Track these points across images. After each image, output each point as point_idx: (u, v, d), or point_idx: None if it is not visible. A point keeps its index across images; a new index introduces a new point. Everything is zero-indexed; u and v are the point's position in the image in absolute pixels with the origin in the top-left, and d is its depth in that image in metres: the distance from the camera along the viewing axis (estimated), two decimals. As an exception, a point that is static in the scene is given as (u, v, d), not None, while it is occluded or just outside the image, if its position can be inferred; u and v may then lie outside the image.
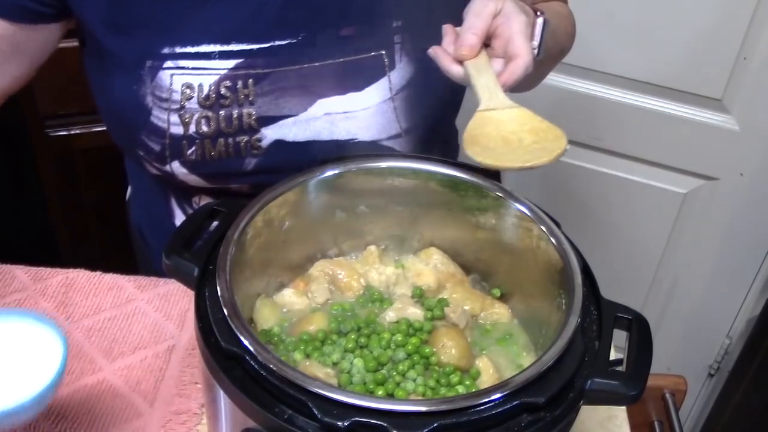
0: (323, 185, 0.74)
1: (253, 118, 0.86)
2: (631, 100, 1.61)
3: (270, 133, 0.87)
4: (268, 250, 0.72)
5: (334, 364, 0.67)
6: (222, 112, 0.85)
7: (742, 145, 1.56)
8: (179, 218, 1.00)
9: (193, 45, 0.83)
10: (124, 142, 0.92)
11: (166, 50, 0.84)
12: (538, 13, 0.83)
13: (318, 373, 0.64)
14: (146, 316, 0.91)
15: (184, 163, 0.88)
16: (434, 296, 0.77)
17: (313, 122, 0.87)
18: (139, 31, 0.84)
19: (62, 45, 1.37)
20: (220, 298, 0.60)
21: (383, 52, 0.86)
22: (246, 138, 0.87)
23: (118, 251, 1.70)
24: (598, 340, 0.62)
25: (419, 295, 0.76)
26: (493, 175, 0.76)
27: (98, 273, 0.96)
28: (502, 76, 0.75)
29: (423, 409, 0.54)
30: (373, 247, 0.80)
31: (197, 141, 0.86)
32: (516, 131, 0.72)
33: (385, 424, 0.52)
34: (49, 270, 0.96)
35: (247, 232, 0.67)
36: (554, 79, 1.64)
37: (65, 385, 0.82)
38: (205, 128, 0.85)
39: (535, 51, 0.81)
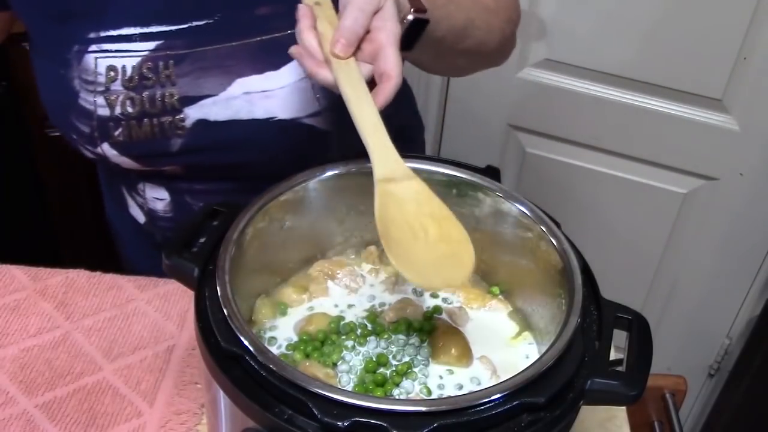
0: (323, 185, 0.74)
1: (176, 98, 0.88)
2: (631, 100, 1.61)
3: (192, 113, 0.89)
4: (268, 250, 0.72)
5: (334, 364, 0.67)
6: (146, 93, 0.88)
7: (742, 145, 1.56)
8: (132, 207, 1.03)
9: (115, 28, 0.86)
10: (60, 126, 0.96)
11: (92, 35, 0.87)
12: (413, 10, 0.72)
13: (318, 373, 0.64)
14: (146, 316, 0.91)
15: (113, 145, 0.91)
16: (434, 296, 0.77)
17: (233, 101, 0.88)
18: (69, 19, 0.88)
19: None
20: (220, 298, 0.60)
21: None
22: (170, 118, 0.89)
23: (118, 251, 1.69)
24: (598, 340, 0.62)
25: (419, 295, 0.76)
26: (493, 174, 0.76)
27: (98, 273, 0.96)
28: (376, 99, 0.66)
29: (423, 409, 0.54)
30: (373, 247, 0.80)
31: (123, 122, 0.89)
32: (417, 215, 0.63)
33: (385, 424, 0.52)
34: (49, 270, 0.96)
35: (246, 232, 0.67)
36: (554, 78, 1.65)
37: (65, 385, 0.82)
38: (130, 109, 0.88)
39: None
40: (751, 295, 1.72)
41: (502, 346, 0.73)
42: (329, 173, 0.74)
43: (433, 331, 0.71)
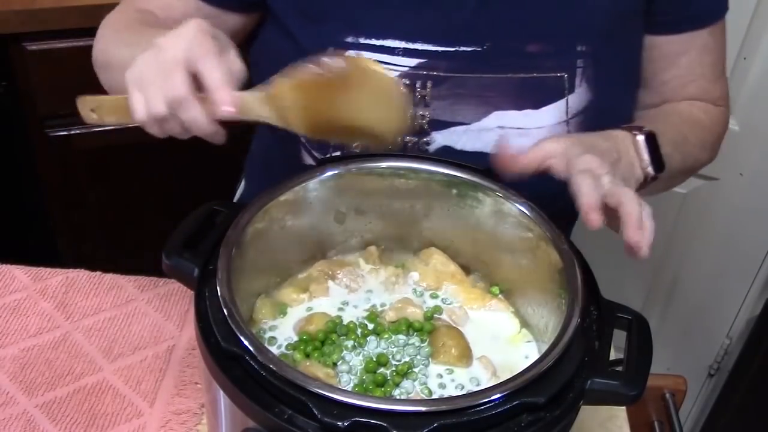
0: (323, 185, 0.74)
1: (426, 120, 0.84)
2: (631, 100, 1.61)
3: (440, 138, 0.86)
4: (268, 250, 0.72)
5: (334, 364, 0.67)
6: None
7: (742, 145, 1.56)
8: None
9: (378, 38, 0.83)
10: None
11: (350, 39, 0.83)
12: (635, 132, 0.80)
13: (318, 373, 0.64)
14: (146, 316, 0.91)
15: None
16: (434, 296, 0.77)
17: (485, 133, 0.85)
18: (327, 20, 0.85)
19: (62, 45, 1.37)
20: (220, 298, 0.60)
21: (565, 75, 0.84)
22: (415, 139, 0.86)
23: (118, 251, 1.70)
24: (598, 340, 0.62)
25: (419, 295, 0.76)
26: (493, 175, 0.76)
27: (98, 273, 0.96)
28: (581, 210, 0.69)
29: (423, 409, 0.54)
30: (373, 247, 0.80)
31: None
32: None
33: (385, 424, 0.52)
34: (49, 270, 0.96)
35: (247, 232, 0.67)
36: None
37: (65, 385, 0.82)
38: None
39: (648, 169, 0.79)
40: (751, 295, 1.71)
41: (502, 346, 0.73)
42: (329, 173, 0.74)
43: (433, 331, 0.71)
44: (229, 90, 0.64)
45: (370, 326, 0.72)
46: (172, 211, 1.16)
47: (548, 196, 0.71)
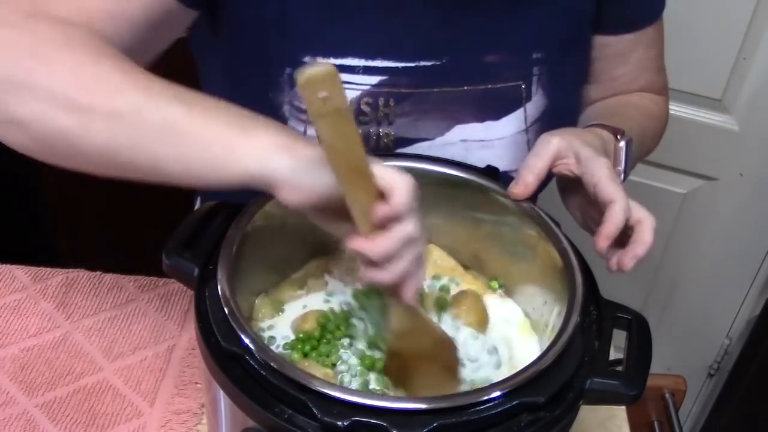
0: (323, 185, 0.74)
1: (391, 138, 0.83)
2: (631, 100, 1.61)
3: None
4: (268, 249, 0.72)
5: (333, 365, 0.67)
6: (360, 130, 0.82)
7: (742, 145, 1.56)
8: None
9: (337, 57, 0.80)
10: None
11: (307, 59, 0.80)
12: (618, 137, 0.81)
13: (317, 373, 0.64)
14: (146, 316, 0.91)
15: None
16: (438, 277, 0.77)
17: (449, 148, 0.85)
18: (282, 37, 0.81)
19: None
20: (220, 298, 0.60)
21: (522, 83, 0.85)
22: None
23: (118, 251, 1.70)
24: (598, 340, 0.62)
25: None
26: (493, 175, 0.76)
27: (98, 273, 0.96)
28: (605, 226, 0.70)
29: (423, 407, 0.54)
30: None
31: None
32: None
33: (385, 424, 0.52)
34: (49, 270, 0.96)
35: (247, 231, 0.67)
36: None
37: (65, 385, 0.82)
38: None
39: (621, 177, 0.80)
40: (751, 295, 1.71)
41: (514, 330, 0.73)
42: (329, 173, 0.74)
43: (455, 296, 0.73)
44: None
45: (358, 304, 0.72)
46: (172, 211, 1.16)
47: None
